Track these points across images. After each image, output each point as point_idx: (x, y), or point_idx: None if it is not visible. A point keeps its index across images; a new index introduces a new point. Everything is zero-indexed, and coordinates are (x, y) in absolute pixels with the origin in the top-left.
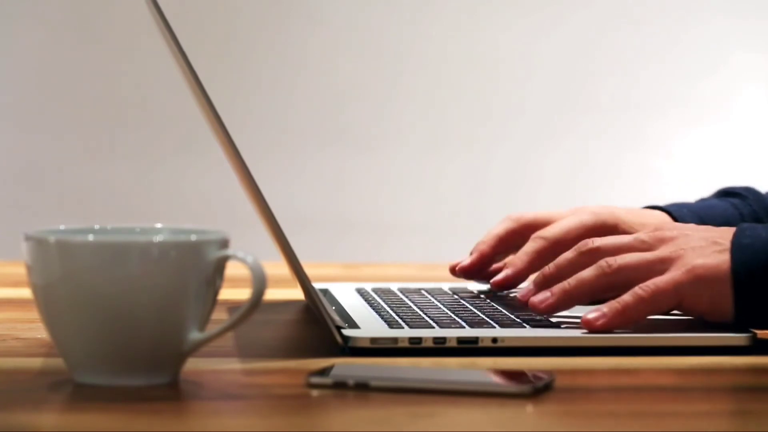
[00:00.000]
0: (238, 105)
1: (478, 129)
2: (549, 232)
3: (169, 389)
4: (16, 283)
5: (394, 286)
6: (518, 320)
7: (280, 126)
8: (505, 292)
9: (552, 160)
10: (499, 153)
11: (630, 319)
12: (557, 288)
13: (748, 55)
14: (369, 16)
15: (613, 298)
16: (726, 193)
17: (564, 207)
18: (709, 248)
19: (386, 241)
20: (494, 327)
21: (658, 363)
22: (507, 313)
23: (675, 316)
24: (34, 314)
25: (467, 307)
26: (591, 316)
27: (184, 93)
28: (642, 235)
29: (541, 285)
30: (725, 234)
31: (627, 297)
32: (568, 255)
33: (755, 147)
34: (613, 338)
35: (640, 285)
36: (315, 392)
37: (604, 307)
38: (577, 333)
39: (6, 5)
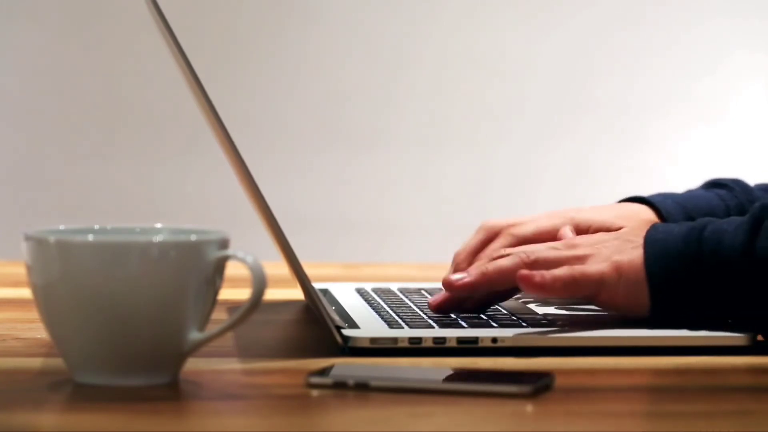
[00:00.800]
0: (238, 105)
1: (479, 129)
2: (521, 229)
3: (169, 389)
4: (16, 283)
5: (394, 286)
6: (518, 320)
7: (280, 126)
8: None
9: (552, 159)
10: (500, 153)
11: (556, 290)
12: (474, 268)
13: (748, 54)
14: (369, 16)
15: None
16: (714, 185)
17: (565, 206)
18: (623, 245)
19: (386, 241)
20: (494, 327)
21: (658, 363)
22: (507, 313)
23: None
24: (34, 314)
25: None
26: (524, 272)
27: (184, 93)
28: (554, 244)
29: (462, 269)
30: (638, 232)
31: (559, 271)
32: (495, 246)
33: (755, 146)
34: (613, 338)
35: (571, 266)
36: (315, 392)
37: (540, 272)
38: (577, 333)
39: (6, 5)
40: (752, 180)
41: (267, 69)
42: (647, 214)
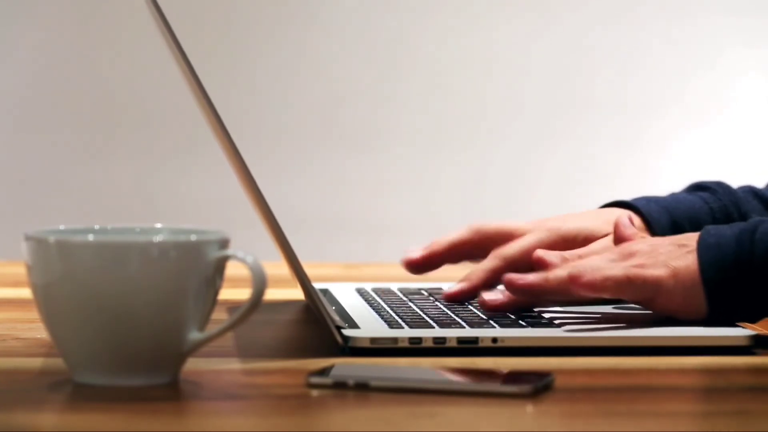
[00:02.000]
0: (238, 105)
1: (477, 129)
2: (507, 251)
3: (169, 389)
4: (16, 283)
5: (394, 286)
6: (518, 320)
7: (280, 126)
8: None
9: (550, 159)
10: (498, 153)
11: (608, 289)
12: (521, 281)
13: (745, 51)
14: (367, 17)
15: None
16: (697, 188)
17: (562, 206)
18: (677, 250)
19: (386, 241)
20: (494, 327)
21: (658, 363)
22: (507, 313)
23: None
24: (34, 314)
25: (467, 307)
26: (575, 272)
27: (184, 93)
28: (610, 254)
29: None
30: (689, 238)
31: (616, 269)
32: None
33: (753, 143)
34: (613, 338)
35: (631, 268)
36: (315, 392)
37: (592, 272)
38: (577, 333)
39: (6, 5)
40: (749, 178)
41: (266, 69)
42: (634, 219)
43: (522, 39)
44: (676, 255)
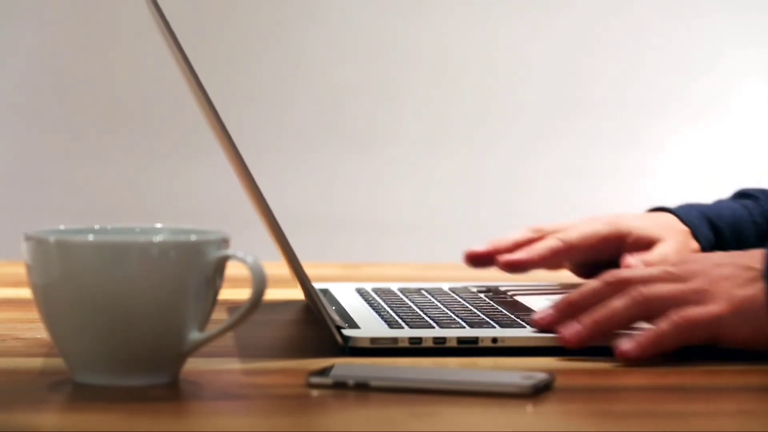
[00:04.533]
0: (238, 105)
1: (476, 129)
2: (566, 235)
3: (169, 389)
4: (16, 283)
5: (394, 286)
6: (518, 320)
7: (279, 126)
8: (510, 292)
9: (549, 159)
10: (497, 152)
11: (664, 349)
12: (587, 318)
13: (745, 51)
14: (366, 16)
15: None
16: (741, 195)
17: (561, 206)
18: (741, 276)
19: (386, 241)
20: (494, 327)
21: (658, 363)
22: (507, 313)
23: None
24: (34, 314)
25: (467, 307)
26: (625, 347)
27: (184, 93)
28: (670, 268)
29: (564, 312)
30: (754, 258)
31: (663, 325)
32: (593, 284)
33: (754, 144)
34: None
35: (678, 313)
36: (315, 392)
37: (639, 336)
38: None
39: (6, 5)
40: (749, 179)
41: (267, 69)
42: (680, 225)
43: (522, 39)
44: (739, 282)
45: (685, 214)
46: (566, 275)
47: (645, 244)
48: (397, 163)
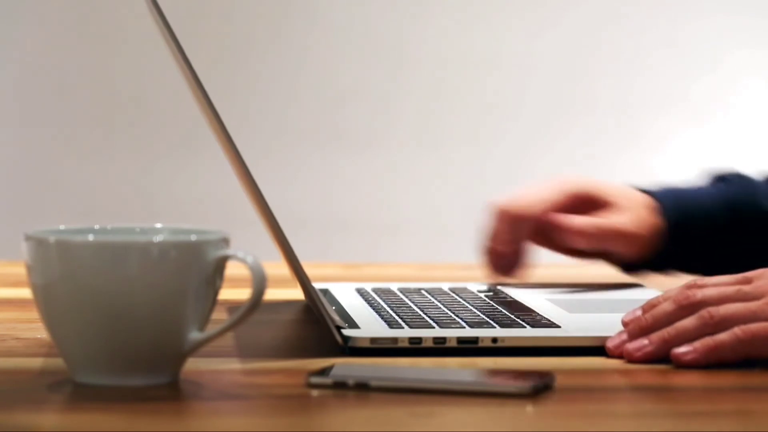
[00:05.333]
0: (238, 105)
1: (476, 128)
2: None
3: (169, 389)
4: (16, 283)
5: (394, 286)
6: (518, 320)
7: (279, 126)
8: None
9: (550, 159)
10: (497, 153)
11: (722, 358)
12: (656, 336)
13: (746, 51)
14: (366, 17)
15: None
16: (718, 179)
17: None
18: None
19: (386, 241)
20: (494, 327)
21: (657, 363)
22: (507, 313)
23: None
24: (34, 314)
25: (467, 307)
26: (681, 350)
27: (184, 93)
28: (745, 288)
29: (636, 336)
30: None
31: (723, 335)
32: (666, 307)
33: (754, 144)
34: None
35: (740, 326)
36: (315, 392)
37: (697, 342)
38: (577, 333)
39: (6, 5)
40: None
41: (266, 69)
42: (646, 199)
43: (523, 38)
44: None
45: (658, 192)
46: (566, 275)
47: (601, 204)
48: (397, 163)
